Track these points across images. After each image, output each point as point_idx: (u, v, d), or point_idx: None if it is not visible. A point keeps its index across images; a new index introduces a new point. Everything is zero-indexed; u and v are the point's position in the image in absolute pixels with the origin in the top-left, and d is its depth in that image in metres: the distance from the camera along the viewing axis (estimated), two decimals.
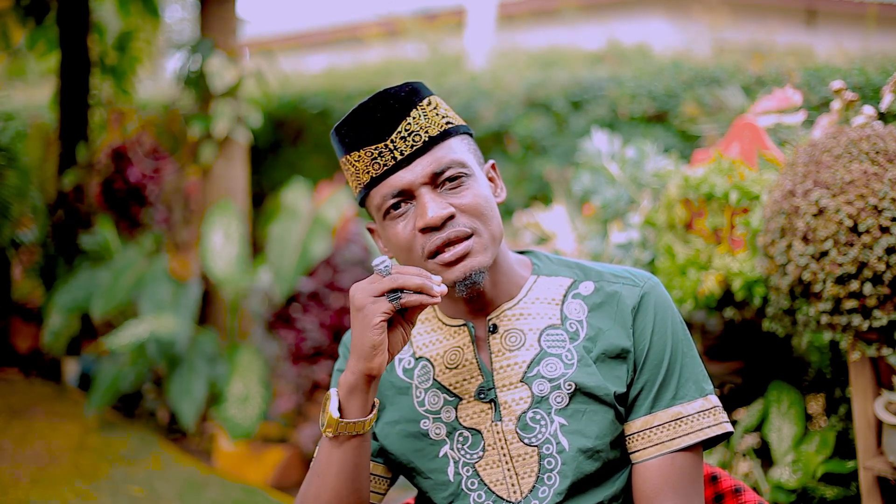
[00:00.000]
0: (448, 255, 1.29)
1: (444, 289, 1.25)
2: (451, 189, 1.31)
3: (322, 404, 1.31)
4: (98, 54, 5.45)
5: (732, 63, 4.25)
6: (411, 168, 1.30)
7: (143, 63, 5.62)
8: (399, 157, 1.30)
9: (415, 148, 1.30)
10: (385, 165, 1.31)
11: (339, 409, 1.28)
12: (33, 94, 7.49)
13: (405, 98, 1.32)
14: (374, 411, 1.31)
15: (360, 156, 1.33)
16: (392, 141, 1.30)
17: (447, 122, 1.34)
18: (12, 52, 5.63)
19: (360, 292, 1.25)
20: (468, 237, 1.30)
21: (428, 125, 1.32)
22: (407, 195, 1.31)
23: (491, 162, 1.44)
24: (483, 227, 1.32)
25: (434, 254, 1.30)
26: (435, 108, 1.34)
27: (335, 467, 1.30)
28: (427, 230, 1.29)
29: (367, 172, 1.33)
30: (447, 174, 1.31)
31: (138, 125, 5.35)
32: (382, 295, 1.24)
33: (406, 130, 1.31)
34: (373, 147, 1.31)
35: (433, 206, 1.29)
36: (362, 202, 1.38)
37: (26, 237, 5.45)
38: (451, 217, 1.30)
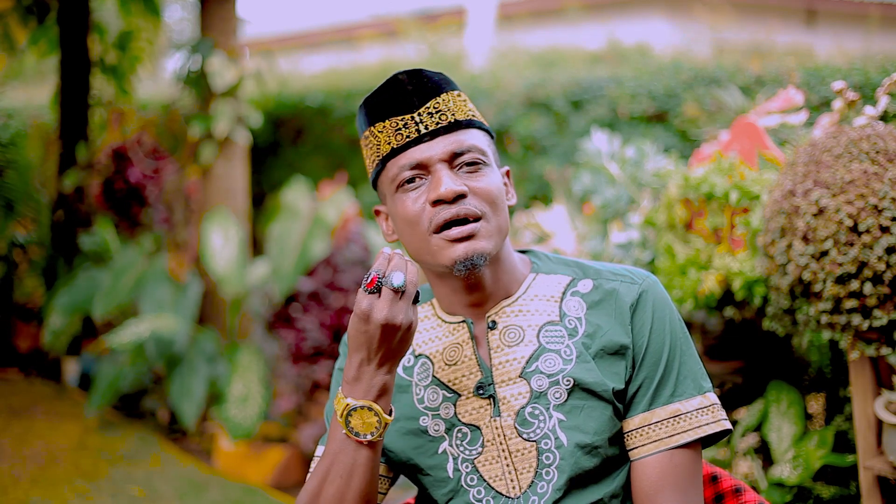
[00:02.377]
0: (455, 231, 1.30)
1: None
2: (467, 172, 1.33)
3: (349, 419, 1.27)
4: (98, 54, 5.45)
5: (732, 63, 4.25)
6: (432, 144, 1.32)
7: (144, 63, 5.62)
8: (423, 131, 1.33)
9: (440, 126, 1.33)
10: (408, 137, 1.33)
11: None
12: (33, 94, 7.49)
13: (438, 81, 1.36)
14: None
15: (384, 126, 1.35)
16: (419, 114, 1.33)
17: (473, 115, 1.38)
18: (15, 52, 5.62)
19: (401, 314, 1.24)
20: (477, 219, 1.31)
21: (456, 109, 1.35)
22: (423, 169, 1.33)
23: (506, 168, 1.46)
24: (492, 213, 1.33)
25: (440, 228, 1.31)
26: (464, 101, 1.38)
27: (362, 467, 1.29)
28: (438, 203, 1.31)
29: (389, 143, 1.34)
30: (466, 158, 1.33)
31: (138, 125, 5.35)
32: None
33: (434, 108, 1.34)
34: (399, 118, 1.34)
35: (448, 180, 1.30)
36: (375, 180, 1.40)
37: (27, 237, 5.45)
38: (464, 196, 1.31)
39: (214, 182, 4.55)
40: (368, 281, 1.25)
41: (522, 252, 1.50)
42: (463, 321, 1.41)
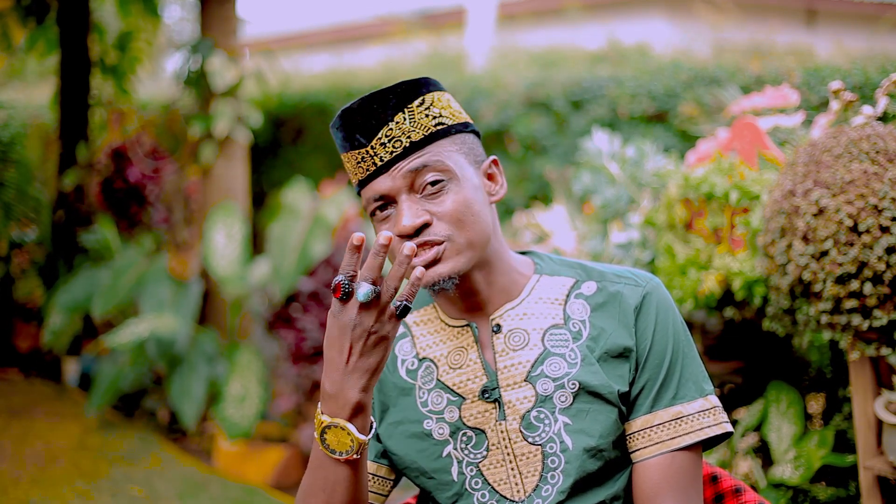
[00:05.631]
0: (417, 259, 1.29)
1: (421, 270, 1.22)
2: (431, 195, 1.31)
3: (324, 436, 1.26)
4: (98, 54, 5.45)
5: (732, 63, 4.25)
6: (391, 174, 1.31)
7: (143, 63, 5.62)
8: (379, 164, 1.32)
9: (394, 154, 1.31)
10: (367, 170, 1.33)
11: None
12: (33, 94, 7.49)
13: (392, 101, 1.32)
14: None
15: (348, 158, 1.36)
16: (372, 147, 1.32)
17: (437, 124, 1.33)
18: (13, 52, 5.63)
19: (368, 322, 1.19)
20: (440, 244, 1.30)
21: (412, 129, 1.32)
22: (389, 199, 1.33)
23: (492, 158, 1.42)
24: (459, 232, 1.31)
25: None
26: (427, 109, 1.33)
27: (343, 483, 1.29)
28: (402, 236, 1.30)
29: (355, 175, 1.36)
30: (426, 178, 1.31)
31: (138, 125, 5.35)
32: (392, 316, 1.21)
33: (386, 136, 1.31)
34: (356, 152, 1.33)
35: (408, 214, 1.30)
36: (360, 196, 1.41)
37: (27, 237, 5.45)
38: (427, 224, 1.30)
39: (214, 182, 4.55)
40: (334, 290, 1.19)
41: (524, 253, 1.49)
42: (467, 325, 1.41)
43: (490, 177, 1.41)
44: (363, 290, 1.17)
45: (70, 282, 4.73)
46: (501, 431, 1.37)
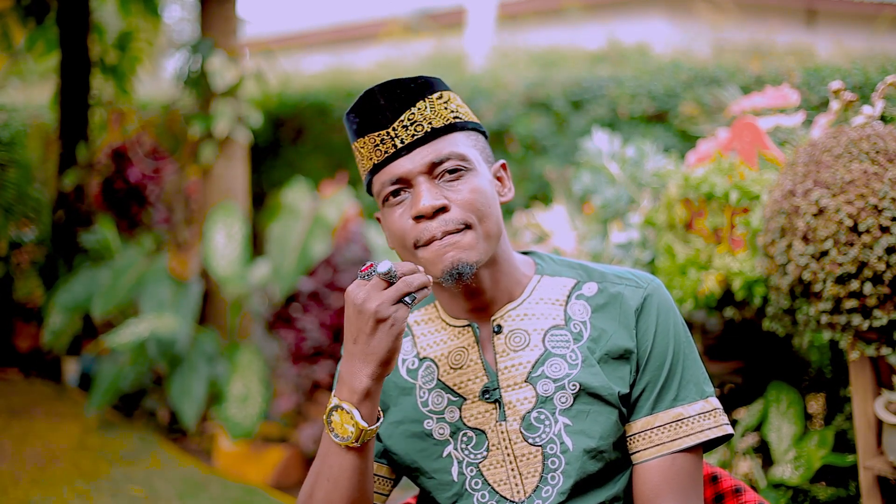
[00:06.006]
0: (443, 240, 1.30)
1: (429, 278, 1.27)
2: (449, 181, 1.32)
3: (331, 417, 1.28)
4: (98, 54, 5.45)
5: (732, 63, 4.25)
6: (411, 157, 1.32)
7: (144, 63, 5.62)
8: (399, 146, 1.32)
9: (416, 137, 1.32)
10: (386, 153, 1.33)
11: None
12: (33, 94, 7.49)
13: (414, 89, 1.34)
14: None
15: (364, 142, 1.35)
16: (394, 129, 1.32)
17: (455, 117, 1.35)
18: (13, 52, 5.63)
19: (375, 301, 1.22)
20: (459, 231, 1.31)
21: (433, 117, 1.33)
22: (405, 183, 1.33)
23: (501, 162, 1.44)
24: (478, 222, 1.32)
25: (427, 243, 1.31)
26: (445, 102, 1.36)
27: (349, 472, 1.29)
28: (419, 219, 1.30)
29: (370, 159, 1.35)
30: (446, 166, 1.32)
31: (138, 125, 5.35)
32: (398, 301, 1.24)
33: (409, 120, 1.32)
34: (375, 134, 1.33)
35: (427, 195, 1.30)
36: (368, 189, 1.40)
37: (27, 237, 5.45)
38: (444, 209, 1.30)
39: (214, 182, 4.55)
40: (363, 267, 1.26)
41: (525, 253, 1.49)
42: (468, 325, 1.41)
43: (498, 179, 1.43)
44: (384, 264, 1.23)
45: (70, 282, 4.73)
46: (502, 432, 1.37)
